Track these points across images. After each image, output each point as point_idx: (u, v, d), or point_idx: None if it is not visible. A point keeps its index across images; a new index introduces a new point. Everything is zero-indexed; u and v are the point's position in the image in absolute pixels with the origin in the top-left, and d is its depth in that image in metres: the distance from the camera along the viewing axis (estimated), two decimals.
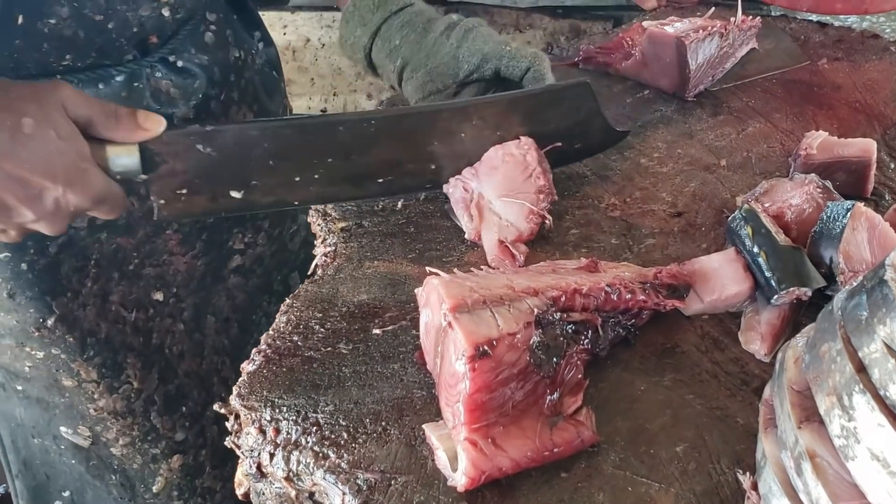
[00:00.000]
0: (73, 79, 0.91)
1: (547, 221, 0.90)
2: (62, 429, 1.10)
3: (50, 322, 1.00)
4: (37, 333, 1.00)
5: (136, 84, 0.95)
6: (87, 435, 1.11)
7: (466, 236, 0.91)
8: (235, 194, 0.85)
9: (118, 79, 0.94)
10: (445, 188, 0.93)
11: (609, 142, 1.02)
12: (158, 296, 1.08)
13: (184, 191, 0.83)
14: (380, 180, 0.91)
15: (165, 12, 0.94)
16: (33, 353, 1.02)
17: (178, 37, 0.98)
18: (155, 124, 0.80)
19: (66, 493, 1.16)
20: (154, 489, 1.17)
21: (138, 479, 1.16)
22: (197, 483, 1.20)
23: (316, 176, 0.87)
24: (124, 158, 0.79)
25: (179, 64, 0.98)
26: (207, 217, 1.10)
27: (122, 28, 0.91)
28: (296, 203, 0.90)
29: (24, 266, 0.96)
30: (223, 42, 1.04)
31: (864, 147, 0.96)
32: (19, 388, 1.07)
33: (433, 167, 0.92)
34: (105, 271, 1.02)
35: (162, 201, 0.83)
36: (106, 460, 1.13)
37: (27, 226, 0.77)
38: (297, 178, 0.86)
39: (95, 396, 1.07)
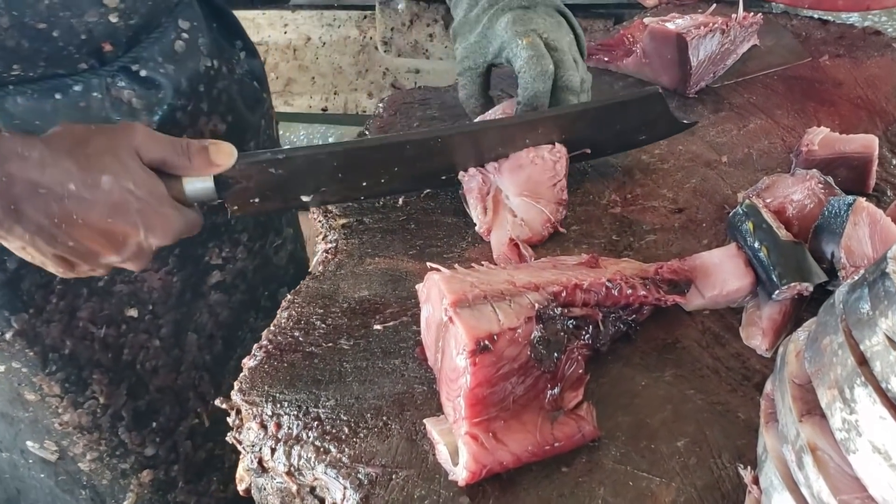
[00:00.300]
0: (26, 89, 0.88)
1: (561, 230, 0.91)
2: (28, 443, 1.08)
3: (8, 336, 0.97)
4: None
5: (94, 94, 0.92)
6: (53, 449, 1.09)
7: (477, 229, 0.91)
8: (305, 198, 0.88)
9: (75, 88, 0.91)
10: (461, 175, 0.93)
11: (674, 131, 1.02)
12: (132, 312, 1.06)
13: (256, 199, 0.86)
14: (443, 178, 0.94)
15: (114, 18, 0.90)
16: None
17: (142, 45, 0.95)
18: (226, 158, 0.81)
19: None
20: None
21: (108, 494, 1.15)
22: (169, 498, 1.19)
23: (382, 180, 0.90)
24: (198, 186, 0.81)
25: (143, 73, 0.95)
26: (279, 213, 1.20)
27: (69, 36, 0.87)
28: (362, 197, 0.94)
29: None
30: (194, 51, 1.00)
31: (866, 143, 0.95)
32: None
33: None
34: (72, 288, 1.00)
35: (235, 207, 0.85)
36: (74, 475, 1.12)
37: (114, 265, 0.79)
38: (365, 183, 0.90)
39: (59, 411, 1.05)
